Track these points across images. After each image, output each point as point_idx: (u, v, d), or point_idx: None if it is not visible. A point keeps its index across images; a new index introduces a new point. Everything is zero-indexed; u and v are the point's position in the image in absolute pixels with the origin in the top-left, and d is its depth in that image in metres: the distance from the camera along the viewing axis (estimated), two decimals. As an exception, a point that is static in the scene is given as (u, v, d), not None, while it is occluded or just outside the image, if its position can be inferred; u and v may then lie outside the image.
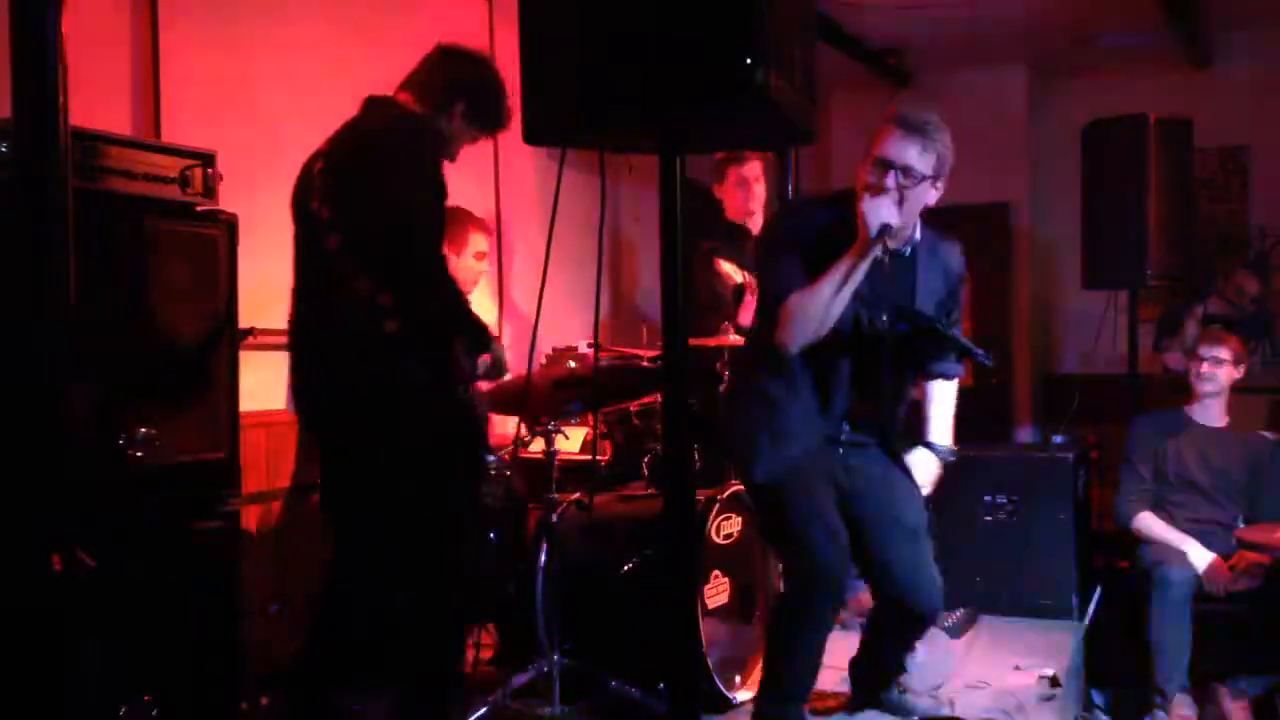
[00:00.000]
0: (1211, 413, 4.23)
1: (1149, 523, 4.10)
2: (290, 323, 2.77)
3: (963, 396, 3.09)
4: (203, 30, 3.48)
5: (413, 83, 2.80)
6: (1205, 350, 4.20)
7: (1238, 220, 6.69)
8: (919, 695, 3.21)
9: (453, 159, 2.83)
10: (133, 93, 3.30)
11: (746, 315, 3.78)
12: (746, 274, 3.84)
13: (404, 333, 2.55)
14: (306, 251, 2.72)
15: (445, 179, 2.62)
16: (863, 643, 3.16)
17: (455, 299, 2.68)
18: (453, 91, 2.77)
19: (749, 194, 4.14)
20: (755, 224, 4.15)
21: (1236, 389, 4.29)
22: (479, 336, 2.72)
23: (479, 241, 3.84)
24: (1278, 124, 6.36)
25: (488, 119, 2.84)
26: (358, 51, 3.95)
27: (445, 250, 3.83)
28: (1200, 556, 3.93)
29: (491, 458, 3.42)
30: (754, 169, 4.15)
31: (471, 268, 3.80)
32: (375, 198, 2.57)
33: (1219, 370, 4.16)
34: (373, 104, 2.75)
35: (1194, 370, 4.21)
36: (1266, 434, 4.32)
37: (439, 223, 2.65)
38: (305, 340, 2.72)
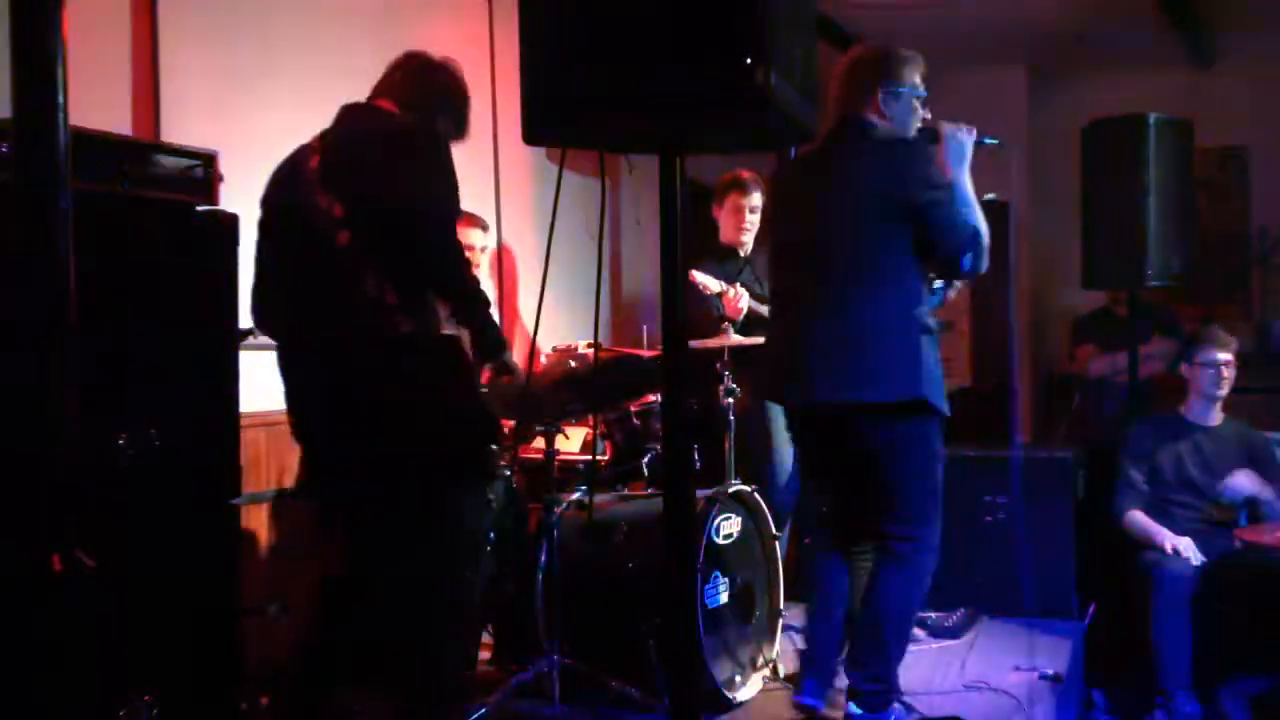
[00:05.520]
0: (1207, 413, 4.24)
1: (1137, 521, 4.14)
2: (282, 326, 2.76)
3: (963, 396, 3.11)
4: (203, 30, 3.48)
5: (390, 92, 2.79)
6: (1204, 355, 4.21)
7: (1238, 220, 6.70)
8: None
9: None
10: (133, 93, 3.30)
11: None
12: (729, 284, 4.03)
13: (415, 331, 2.56)
14: (305, 250, 2.71)
15: (456, 184, 2.63)
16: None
17: (478, 294, 2.70)
18: (431, 104, 2.78)
19: (742, 222, 4.34)
20: (745, 249, 4.38)
21: (1236, 389, 4.30)
22: (493, 342, 2.73)
23: (468, 235, 3.85)
24: (1278, 124, 6.37)
25: (460, 131, 2.85)
26: (358, 51, 3.94)
27: None
28: (1191, 554, 3.95)
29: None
30: (754, 200, 4.32)
31: None
32: (395, 194, 2.57)
33: (1232, 371, 4.17)
34: (360, 110, 2.75)
35: (1196, 374, 4.22)
36: (1265, 433, 4.32)
37: (455, 218, 2.68)
38: (308, 343, 2.72)
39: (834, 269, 2.97)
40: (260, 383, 3.17)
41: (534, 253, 5.01)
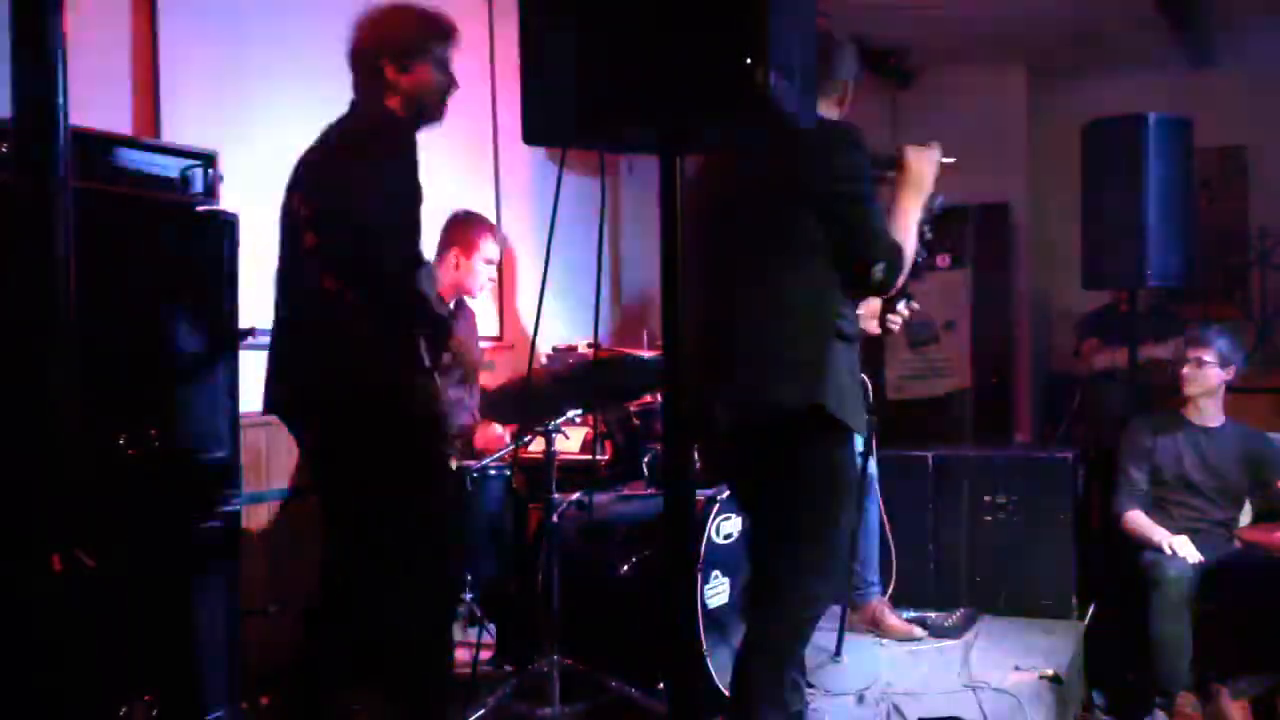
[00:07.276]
0: (1206, 413, 4.25)
1: (1136, 521, 4.14)
2: (273, 320, 2.77)
3: (963, 397, 3.08)
4: (203, 29, 3.48)
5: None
6: (1189, 352, 4.23)
7: (1238, 220, 6.70)
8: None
9: (439, 116, 2.76)
10: (133, 92, 3.30)
11: None
12: None
13: (372, 330, 2.55)
14: (285, 248, 2.72)
15: (419, 183, 2.58)
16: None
17: (415, 298, 2.63)
18: (371, 58, 2.68)
19: None
20: None
21: (1236, 389, 4.30)
22: (437, 335, 2.70)
23: (490, 248, 3.88)
24: (1278, 124, 6.36)
25: (418, 50, 2.69)
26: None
27: (455, 253, 3.86)
28: (1188, 551, 3.95)
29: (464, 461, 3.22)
30: None
31: (480, 272, 3.85)
32: (349, 198, 2.56)
33: (1200, 371, 4.18)
34: (354, 105, 2.74)
35: (1180, 372, 4.24)
36: (1268, 433, 4.32)
37: (410, 224, 2.59)
38: (283, 337, 2.72)
39: (731, 264, 2.57)
40: (260, 383, 3.17)
41: (534, 253, 5.01)
